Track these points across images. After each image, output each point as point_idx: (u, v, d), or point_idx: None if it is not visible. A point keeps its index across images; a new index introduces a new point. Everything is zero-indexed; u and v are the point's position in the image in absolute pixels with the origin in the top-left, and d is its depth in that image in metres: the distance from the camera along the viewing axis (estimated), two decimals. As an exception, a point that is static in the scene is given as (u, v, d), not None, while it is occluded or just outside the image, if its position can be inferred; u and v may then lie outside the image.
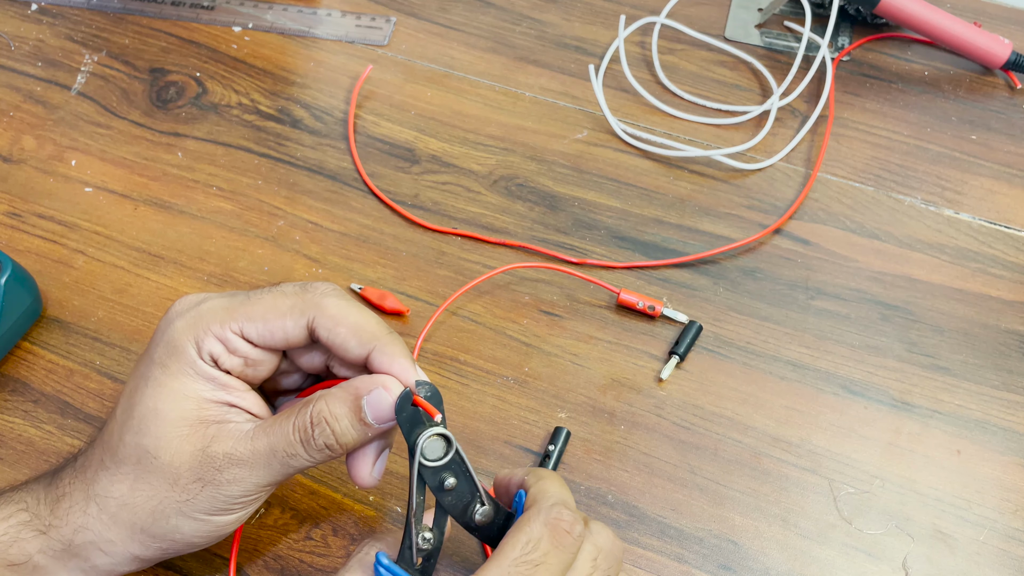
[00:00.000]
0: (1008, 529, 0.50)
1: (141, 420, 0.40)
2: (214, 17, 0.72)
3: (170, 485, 0.39)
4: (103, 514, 0.40)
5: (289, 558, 0.48)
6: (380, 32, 0.71)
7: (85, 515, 0.41)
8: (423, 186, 0.63)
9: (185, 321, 0.40)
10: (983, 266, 0.59)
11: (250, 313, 0.40)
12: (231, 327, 0.40)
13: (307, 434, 0.39)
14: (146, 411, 0.40)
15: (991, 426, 0.53)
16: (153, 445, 0.39)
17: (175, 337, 0.40)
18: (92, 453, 0.42)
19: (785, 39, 0.72)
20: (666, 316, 0.57)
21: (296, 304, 0.40)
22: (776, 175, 0.64)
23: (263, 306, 0.40)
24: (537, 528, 0.37)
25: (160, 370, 0.40)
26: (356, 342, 0.39)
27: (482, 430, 0.52)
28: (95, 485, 0.41)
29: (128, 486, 0.40)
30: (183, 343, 0.39)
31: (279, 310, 0.40)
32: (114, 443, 0.41)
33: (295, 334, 0.40)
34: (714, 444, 0.52)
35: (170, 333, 0.40)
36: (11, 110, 0.66)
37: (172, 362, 0.39)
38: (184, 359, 0.39)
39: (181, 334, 0.40)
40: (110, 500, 0.40)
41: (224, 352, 0.40)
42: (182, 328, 0.40)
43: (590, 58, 0.70)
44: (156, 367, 0.40)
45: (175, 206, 0.61)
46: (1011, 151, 0.65)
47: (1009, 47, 0.68)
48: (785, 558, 0.49)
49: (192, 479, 0.39)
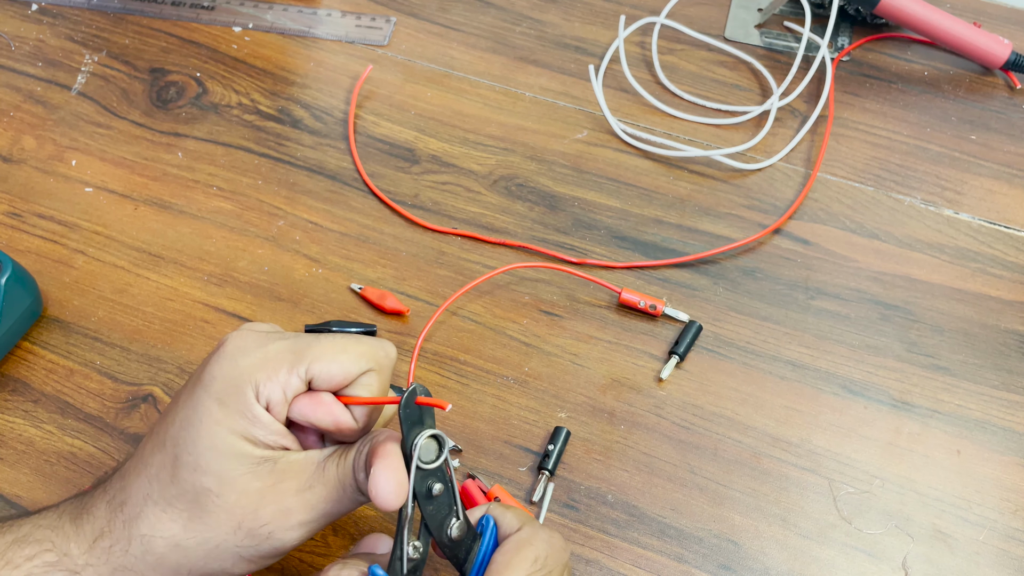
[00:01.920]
0: (1008, 529, 0.50)
1: (199, 457, 0.37)
2: (214, 17, 0.72)
3: (233, 530, 0.38)
4: (148, 555, 0.38)
5: (289, 558, 0.48)
6: (380, 32, 0.71)
7: (127, 555, 0.38)
8: (423, 186, 0.63)
9: (252, 361, 0.38)
10: (983, 266, 0.59)
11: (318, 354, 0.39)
12: (298, 371, 0.38)
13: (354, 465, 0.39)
14: (204, 448, 0.37)
15: (991, 426, 0.53)
16: (215, 484, 0.37)
17: (239, 375, 0.38)
18: (132, 484, 0.39)
19: (785, 39, 0.72)
20: (667, 315, 0.57)
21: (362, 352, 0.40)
22: (776, 175, 0.64)
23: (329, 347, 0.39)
24: (541, 546, 0.38)
25: (217, 407, 0.38)
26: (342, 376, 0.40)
27: (482, 430, 0.52)
28: (140, 523, 0.38)
29: (181, 526, 0.38)
30: (245, 384, 0.38)
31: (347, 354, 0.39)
32: (165, 477, 0.38)
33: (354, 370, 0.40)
34: (714, 444, 0.52)
35: (231, 372, 0.38)
36: (11, 110, 0.66)
37: (229, 401, 0.38)
38: (243, 401, 0.38)
39: (245, 375, 0.38)
40: (158, 540, 0.38)
41: (281, 401, 0.38)
42: (249, 368, 0.38)
43: (590, 58, 0.70)
44: (213, 403, 0.38)
45: (175, 206, 0.61)
46: (1011, 151, 0.65)
47: (1009, 47, 0.68)
48: (785, 558, 0.49)
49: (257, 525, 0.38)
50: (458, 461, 0.51)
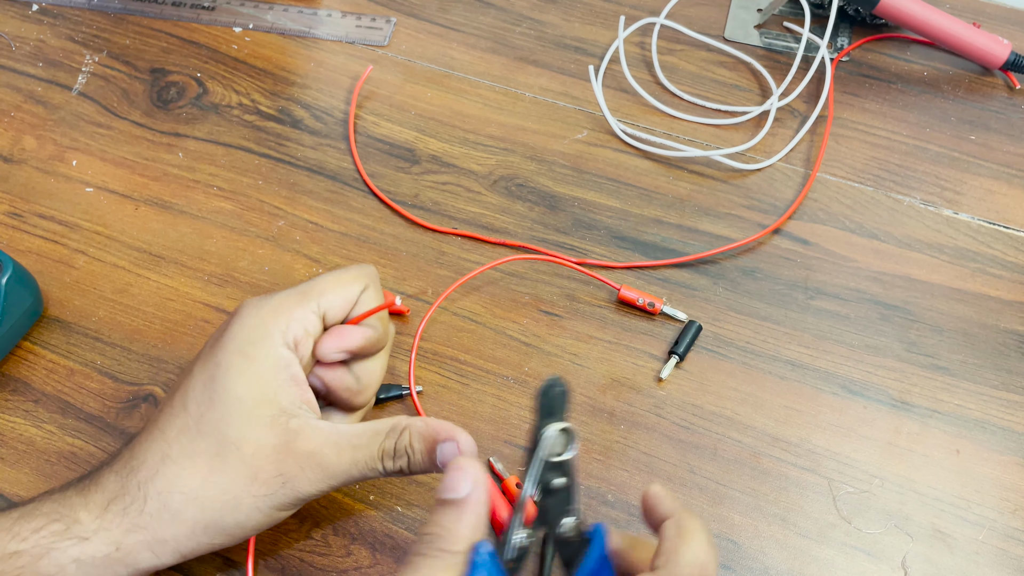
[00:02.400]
0: (1007, 529, 0.50)
1: (224, 408, 0.40)
2: (214, 17, 0.72)
3: (250, 479, 0.39)
4: (165, 511, 0.39)
5: (290, 557, 0.48)
6: (380, 32, 0.71)
7: (142, 514, 0.39)
8: (423, 186, 0.63)
9: (267, 310, 0.42)
10: (982, 266, 0.60)
11: (322, 289, 0.43)
12: (310, 307, 0.42)
13: (388, 457, 0.41)
14: (230, 399, 0.40)
15: (990, 426, 0.53)
16: (237, 435, 0.39)
17: (259, 324, 0.41)
18: (147, 450, 0.40)
19: (784, 39, 0.72)
20: (666, 313, 0.57)
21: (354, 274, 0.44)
22: (775, 175, 0.64)
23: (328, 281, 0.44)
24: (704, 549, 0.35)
25: (241, 358, 0.40)
26: None
27: (482, 429, 0.52)
28: (156, 480, 0.39)
29: (201, 479, 0.39)
30: (269, 329, 0.41)
31: (343, 280, 0.44)
32: (188, 435, 0.40)
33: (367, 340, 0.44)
34: (713, 444, 0.52)
35: (252, 323, 0.41)
36: (12, 110, 0.66)
37: (254, 349, 0.40)
38: (268, 344, 0.41)
39: (266, 321, 0.41)
40: (175, 495, 0.39)
41: (305, 333, 0.42)
42: (266, 316, 0.41)
43: (590, 58, 0.70)
44: (236, 355, 0.40)
45: (176, 206, 0.61)
46: (1010, 151, 0.65)
47: (1008, 47, 0.68)
48: (784, 557, 0.49)
49: (274, 474, 0.40)
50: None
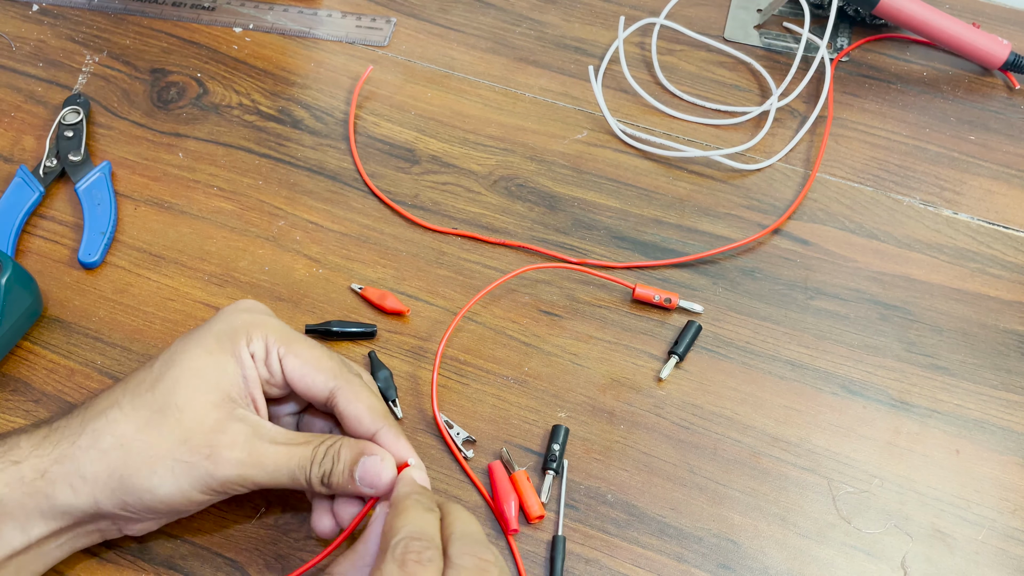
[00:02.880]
0: (1007, 528, 0.50)
1: (181, 373, 0.43)
2: (215, 18, 0.72)
3: (180, 440, 0.42)
4: (92, 448, 0.41)
5: (290, 557, 0.48)
6: (380, 33, 0.71)
7: (73, 446, 0.42)
8: (423, 186, 0.63)
9: (250, 318, 0.45)
10: (982, 266, 0.60)
11: (298, 350, 0.45)
12: (279, 349, 0.45)
13: (316, 460, 0.43)
14: (189, 368, 0.43)
15: (990, 426, 0.53)
16: (183, 400, 0.42)
17: (237, 325, 0.45)
18: (106, 395, 0.44)
19: (784, 40, 0.72)
20: (683, 308, 0.57)
21: (334, 368, 0.45)
22: (775, 175, 0.64)
23: (311, 353, 0.45)
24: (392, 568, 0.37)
25: (213, 340, 0.44)
26: (369, 419, 0.44)
27: (482, 429, 0.52)
28: (98, 420, 0.42)
29: (135, 427, 0.42)
30: (239, 332, 0.44)
31: (320, 364, 0.45)
32: (142, 388, 0.43)
33: (319, 390, 0.45)
34: (713, 443, 0.52)
35: (233, 320, 0.45)
36: (12, 110, 0.66)
37: (224, 340, 0.44)
38: (234, 343, 0.44)
39: (240, 325, 0.45)
40: (107, 436, 0.42)
41: (263, 360, 0.45)
42: (244, 321, 0.45)
43: (590, 59, 0.70)
44: (211, 336, 0.44)
45: (176, 206, 0.62)
46: (1010, 151, 0.65)
47: (1008, 48, 0.68)
48: (784, 557, 0.49)
49: (203, 443, 0.41)
50: (472, 451, 0.51)
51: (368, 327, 0.55)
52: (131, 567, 0.47)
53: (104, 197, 0.60)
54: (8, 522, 0.41)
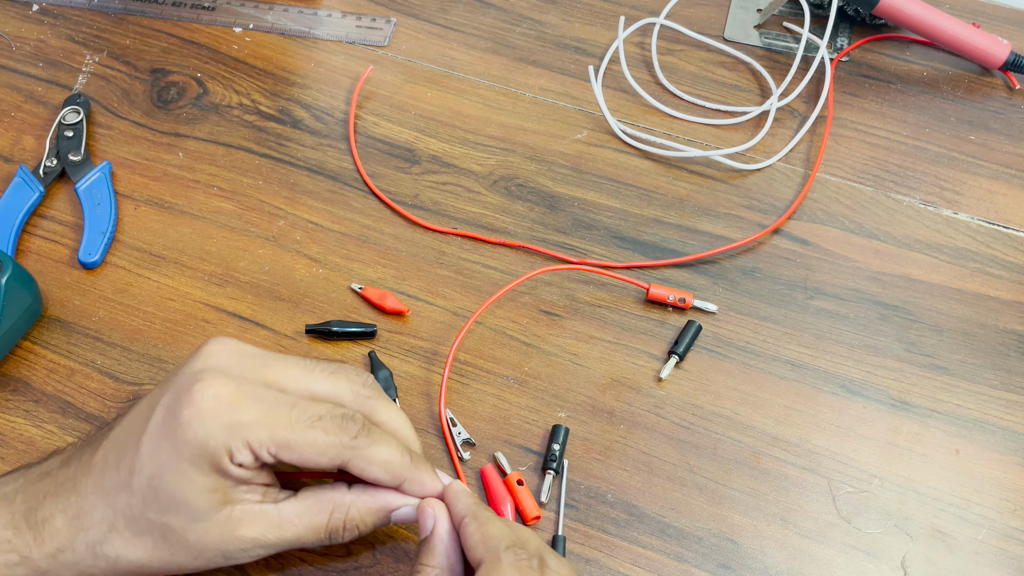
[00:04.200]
0: (1007, 528, 0.50)
1: (168, 506, 0.40)
2: (215, 18, 0.72)
3: (193, 556, 0.41)
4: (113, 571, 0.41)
5: (290, 557, 0.48)
6: (380, 33, 0.71)
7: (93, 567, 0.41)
8: (423, 186, 0.63)
9: (221, 424, 0.39)
10: (982, 266, 0.60)
11: (290, 442, 0.40)
12: (268, 447, 0.40)
13: (337, 534, 0.43)
14: (175, 500, 0.40)
15: (990, 426, 0.53)
16: (180, 527, 0.40)
17: (209, 443, 0.39)
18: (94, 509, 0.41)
19: (784, 40, 0.72)
20: (697, 307, 0.57)
21: (335, 444, 0.41)
22: (775, 175, 0.64)
23: (305, 439, 0.40)
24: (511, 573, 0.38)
25: (190, 467, 0.40)
26: (389, 479, 0.42)
27: (482, 429, 0.52)
28: (104, 546, 0.41)
29: (147, 553, 0.41)
30: (217, 449, 0.39)
31: (318, 448, 0.40)
32: (132, 515, 0.41)
33: (328, 468, 0.42)
34: (713, 443, 0.52)
35: (202, 436, 0.39)
36: (12, 110, 0.66)
37: (202, 462, 0.39)
38: (215, 463, 0.39)
39: (217, 440, 0.39)
40: (124, 561, 0.41)
41: (253, 462, 0.40)
42: (218, 434, 0.39)
43: (590, 59, 0.70)
44: (185, 464, 0.39)
45: (176, 206, 0.62)
46: (1009, 151, 0.65)
47: (1008, 48, 0.68)
48: (784, 557, 0.49)
49: (216, 555, 0.41)
50: (469, 454, 0.51)
51: (368, 327, 0.55)
52: (131, 567, 0.47)
53: (104, 197, 0.60)
54: None
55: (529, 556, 0.39)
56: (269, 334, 0.56)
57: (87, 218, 0.60)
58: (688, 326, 0.56)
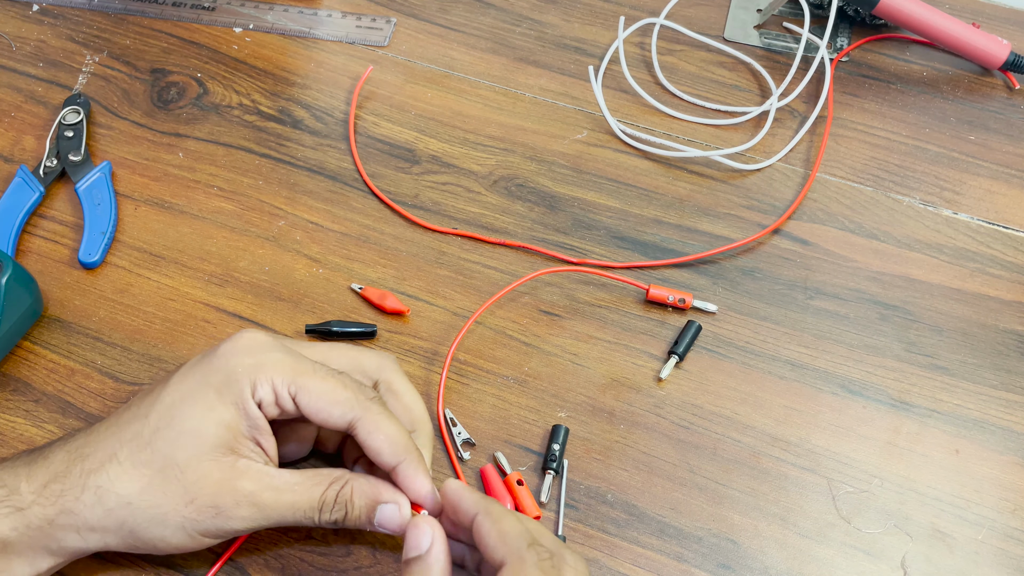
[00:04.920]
0: (1007, 528, 0.50)
1: (181, 434, 0.41)
2: (215, 18, 0.72)
3: (185, 502, 0.41)
4: (98, 506, 0.41)
5: (290, 557, 0.48)
6: (380, 33, 0.71)
7: (77, 501, 0.41)
8: (423, 186, 0.63)
9: (251, 361, 0.43)
10: (981, 266, 0.60)
11: (310, 386, 0.43)
12: (289, 387, 0.43)
13: (327, 508, 0.43)
14: (189, 428, 0.41)
15: (989, 426, 0.53)
16: (184, 460, 0.41)
17: (237, 372, 0.42)
18: (101, 442, 0.42)
19: (784, 40, 0.72)
20: (697, 307, 0.57)
21: (350, 399, 0.43)
22: (775, 175, 0.64)
23: (324, 386, 0.43)
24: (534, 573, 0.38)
25: (214, 394, 0.42)
26: (389, 452, 0.43)
27: (482, 429, 0.53)
28: (98, 475, 0.41)
29: (139, 487, 0.41)
30: (242, 380, 0.42)
31: (335, 397, 0.43)
32: (139, 443, 0.42)
33: (338, 423, 0.43)
34: (713, 443, 0.52)
35: (233, 365, 0.42)
36: (12, 110, 0.66)
37: (226, 392, 0.42)
38: (237, 394, 0.42)
39: (244, 372, 0.42)
40: (111, 494, 0.41)
41: (272, 403, 0.43)
42: (247, 366, 0.42)
43: (590, 59, 0.70)
44: (211, 390, 0.42)
45: (176, 206, 0.62)
46: (1009, 151, 0.65)
47: (1007, 48, 0.68)
48: (784, 557, 0.49)
49: (209, 503, 0.41)
50: (469, 454, 0.51)
51: (368, 327, 0.55)
52: (131, 567, 0.47)
53: (104, 197, 0.60)
54: (16, 559, 0.41)
55: (551, 554, 0.39)
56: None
57: (87, 218, 0.60)
58: (688, 326, 0.56)
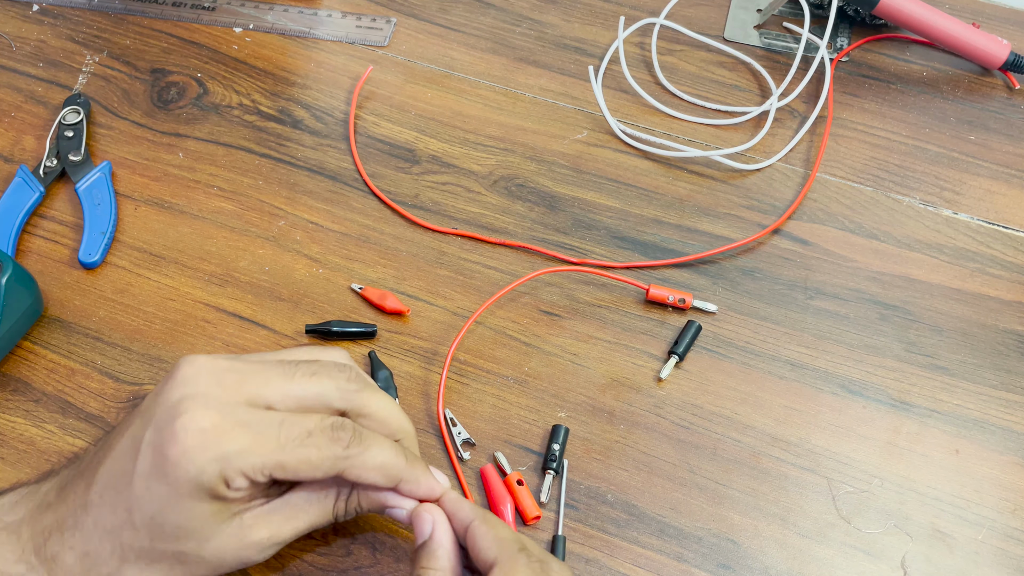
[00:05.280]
0: (1007, 528, 0.50)
1: (177, 535, 0.40)
2: (215, 18, 0.72)
3: (213, 568, 0.42)
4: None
5: (290, 557, 0.48)
6: (380, 33, 0.71)
7: None
8: (423, 186, 0.63)
9: (213, 461, 0.38)
10: (981, 266, 0.60)
11: (283, 463, 0.39)
12: (262, 470, 0.39)
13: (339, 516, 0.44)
14: (181, 530, 0.40)
15: (989, 426, 0.53)
16: (194, 550, 0.40)
17: (202, 479, 0.38)
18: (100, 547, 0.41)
19: (784, 40, 0.72)
20: (697, 307, 0.57)
21: (329, 458, 0.40)
22: (775, 175, 0.64)
23: (296, 459, 0.39)
24: None
25: (188, 500, 0.39)
26: (385, 481, 0.42)
27: (482, 429, 0.53)
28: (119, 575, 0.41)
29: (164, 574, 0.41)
30: (212, 482, 0.39)
31: (311, 464, 0.40)
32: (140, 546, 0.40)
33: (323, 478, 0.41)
34: (713, 443, 0.52)
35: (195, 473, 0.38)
36: (12, 110, 0.66)
37: (201, 495, 0.39)
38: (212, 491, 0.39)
39: (210, 476, 0.38)
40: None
41: (249, 486, 0.40)
42: (212, 468, 0.38)
43: (590, 59, 0.70)
44: (184, 498, 0.39)
45: (176, 206, 0.62)
46: (1009, 151, 0.65)
47: (1007, 48, 0.68)
48: (784, 557, 0.49)
49: (235, 562, 0.42)
50: (469, 454, 0.51)
51: (368, 327, 0.55)
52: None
53: (104, 197, 0.60)
54: None
55: (540, 561, 0.40)
56: (269, 334, 0.56)
57: (87, 218, 0.60)
58: (688, 326, 0.56)
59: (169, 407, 0.39)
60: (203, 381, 0.40)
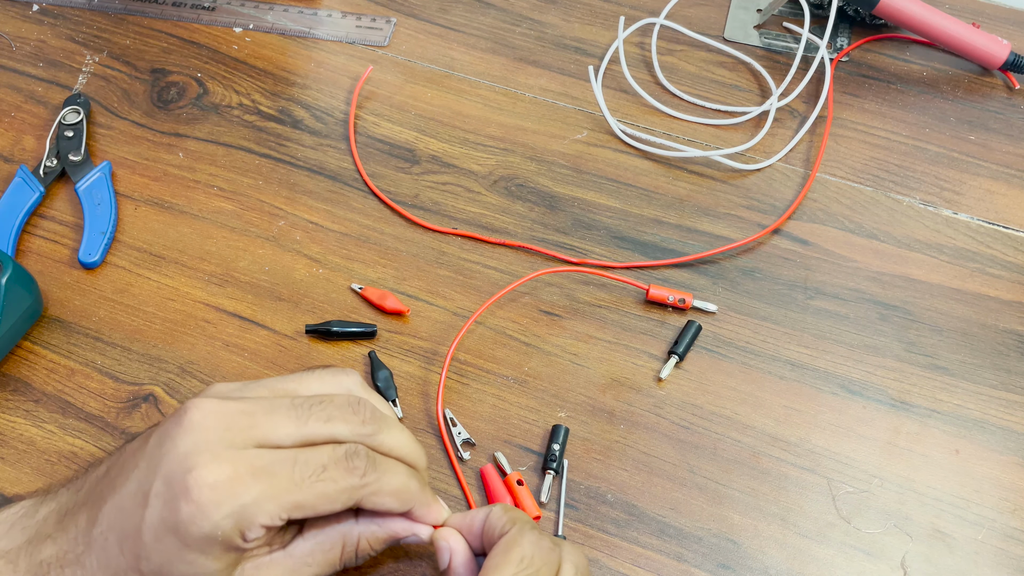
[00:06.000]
0: (1007, 528, 0.50)
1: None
2: (215, 18, 0.72)
3: None
4: None
5: (290, 557, 0.48)
6: (380, 33, 0.71)
7: None
8: (423, 186, 0.63)
9: (229, 516, 0.37)
10: (981, 266, 0.60)
11: (301, 503, 0.39)
12: (280, 515, 0.38)
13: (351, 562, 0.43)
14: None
15: (989, 425, 0.53)
16: None
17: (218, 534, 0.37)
18: None
19: (784, 40, 0.72)
20: (697, 307, 0.57)
21: (344, 490, 0.40)
22: (775, 175, 0.64)
23: (313, 496, 0.39)
24: (528, 547, 0.39)
25: (199, 555, 0.38)
26: (399, 506, 0.42)
27: (482, 429, 0.53)
28: None
29: None
30: (232, 533, 0.38)
31: (329, 498, 0.39)
32: None
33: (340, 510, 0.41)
34: (713, 443, 0.52)
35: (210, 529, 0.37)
36: (12, 110, 0.66)
37: (213, 549, 0.38)
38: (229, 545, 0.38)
39: (227, 530, 0.37)
40: None
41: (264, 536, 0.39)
42: (227, 524, 0.37)
43: (590, 59, 0.70)
44: (195, 554, 0.38)
45: (176, 206, 0.62)
46: (1009, 151, 0.65)
47: (1007, 48, 0.68)
48: (784, 557, 0.49)
49: None
50: (469, 454, 0.51)
51: (368, 327, 0.55)
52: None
53: (104, 197, 0.60)
54: None
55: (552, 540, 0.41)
56: (269, 334, 0.56)
57: (87, 218, 0.60)
58: (688, 326, 0.56)
59: (179, 458, 0.38)
60: (212, 427, 0.39)
